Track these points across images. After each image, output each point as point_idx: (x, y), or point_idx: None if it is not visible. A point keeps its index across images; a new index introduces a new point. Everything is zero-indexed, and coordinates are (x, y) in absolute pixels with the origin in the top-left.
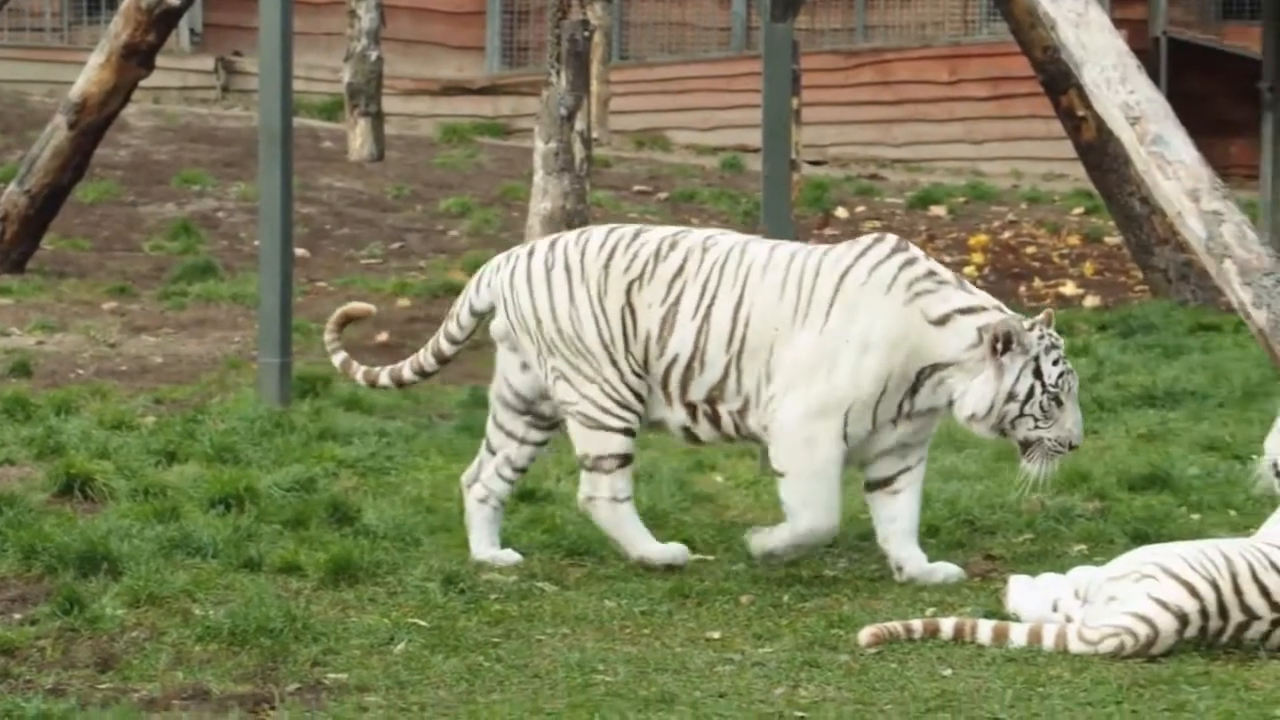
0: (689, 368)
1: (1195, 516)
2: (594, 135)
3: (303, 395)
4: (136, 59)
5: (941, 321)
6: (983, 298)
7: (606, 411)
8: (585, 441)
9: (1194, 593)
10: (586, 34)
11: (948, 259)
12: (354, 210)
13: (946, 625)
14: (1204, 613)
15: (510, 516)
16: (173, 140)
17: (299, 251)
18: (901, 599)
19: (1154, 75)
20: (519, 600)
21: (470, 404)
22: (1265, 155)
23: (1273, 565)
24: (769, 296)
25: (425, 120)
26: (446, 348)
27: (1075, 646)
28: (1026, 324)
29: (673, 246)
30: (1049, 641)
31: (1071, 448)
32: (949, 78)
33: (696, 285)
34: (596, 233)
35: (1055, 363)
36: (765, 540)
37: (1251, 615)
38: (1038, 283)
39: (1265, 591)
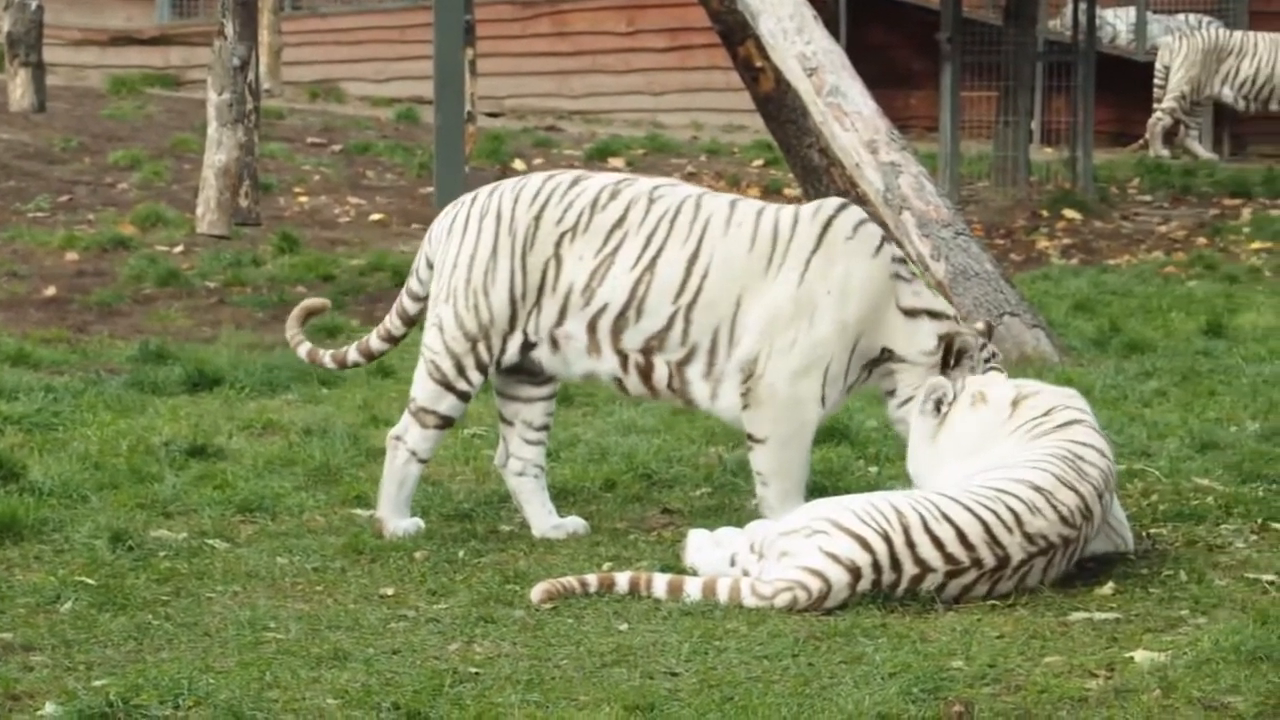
0: (622, 316)
1: (873, 469)
2: (266, 87)
3: None
4: None
5: (910, 314)
6: (942, 303)
7: (462, 374)
8: (422, 390)
9: (865, 545)
10: None
11: None
12: (20, 163)
13: (622, 579)
14: (876, 565)
15: (180, 473)
16: None
17: None
18: (578, 554)
19: (834, 27)
20: (189, 558)
21: (140, 359)
22: (944, 107)
23: (945, 516)
24: (734, 249)
25: (94, 71)
26: (412, 306)
27: (749, 601)
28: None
29: (613, 196)
30: (723, 595)
31: None
32: (627, 28)
33: (639, 236)
34: (533, 180)
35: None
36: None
37: (925, 568)
38: None
39: (938, 543)
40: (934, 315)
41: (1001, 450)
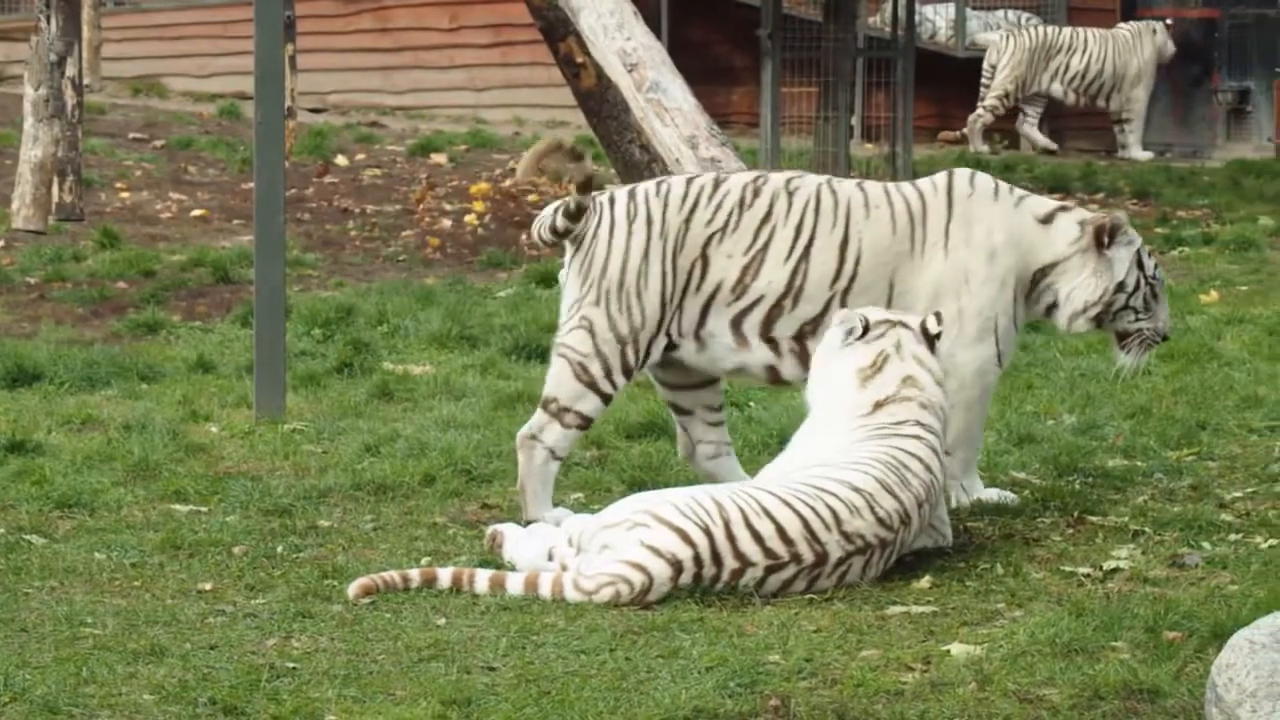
0: (777, 306)
1: None
2: (87, 82)
3: None
4: None
5: (1048, 219)
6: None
7: (608, 376)
8: (563, 389)
9: (687, 539)
10: None
11: (449, 207)
12: None
13: (444, 575)
14: (698, 559)
15: None
16: None
17: None
18: (396, 549)
19: (654, 23)
20: (6, 553)
21: None
22: (765, 102)
23: (765, 511)
24: (881, 232)
25: None
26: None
27: (571, 595)
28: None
29: (756, 193)
30: (545, 590)
31: (1164, 338)
32: (450, 24)
33: (788, 228)
34: (677, 184)
35: (1149, 255)
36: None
37: (745, 562)
38: None
39: (759, 538)
40: (1063, 209)
41: (841, 442)
